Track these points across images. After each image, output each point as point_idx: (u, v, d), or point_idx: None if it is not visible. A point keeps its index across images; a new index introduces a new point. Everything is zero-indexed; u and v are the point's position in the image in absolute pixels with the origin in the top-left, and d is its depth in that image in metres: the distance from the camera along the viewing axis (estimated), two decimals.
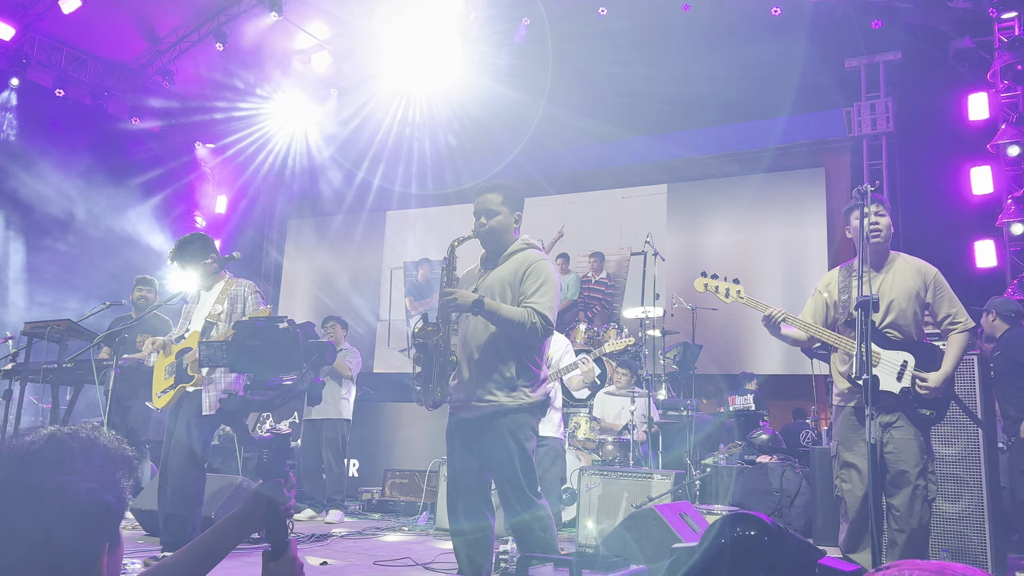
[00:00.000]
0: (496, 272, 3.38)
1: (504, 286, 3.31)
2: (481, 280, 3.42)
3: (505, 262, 3.39)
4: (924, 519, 3.55)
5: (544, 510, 3.23)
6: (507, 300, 3.28)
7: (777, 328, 3.79)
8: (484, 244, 3.45)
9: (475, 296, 3.18)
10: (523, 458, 3.20)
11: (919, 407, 3.59)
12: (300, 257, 13.75)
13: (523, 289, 3.27)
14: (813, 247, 9.98)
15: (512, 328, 3.18)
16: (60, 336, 5.80)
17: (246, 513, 1.64)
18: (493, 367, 3.24)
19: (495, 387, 3.23)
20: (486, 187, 3.44)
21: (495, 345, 3.25)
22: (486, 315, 3.18)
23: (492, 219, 3.38)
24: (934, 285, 3.76)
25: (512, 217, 3.42)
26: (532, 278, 3.27)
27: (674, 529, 3.93)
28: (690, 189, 11.02)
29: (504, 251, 3.41)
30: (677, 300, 8.72)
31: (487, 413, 3.23)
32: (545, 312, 3.20)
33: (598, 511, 5.68)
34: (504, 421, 3.21)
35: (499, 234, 3.40)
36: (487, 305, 3.17)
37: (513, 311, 3.19)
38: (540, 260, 3.35)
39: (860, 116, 9.71)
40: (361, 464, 9.02)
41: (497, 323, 3.20)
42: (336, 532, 6.09)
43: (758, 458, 6.91)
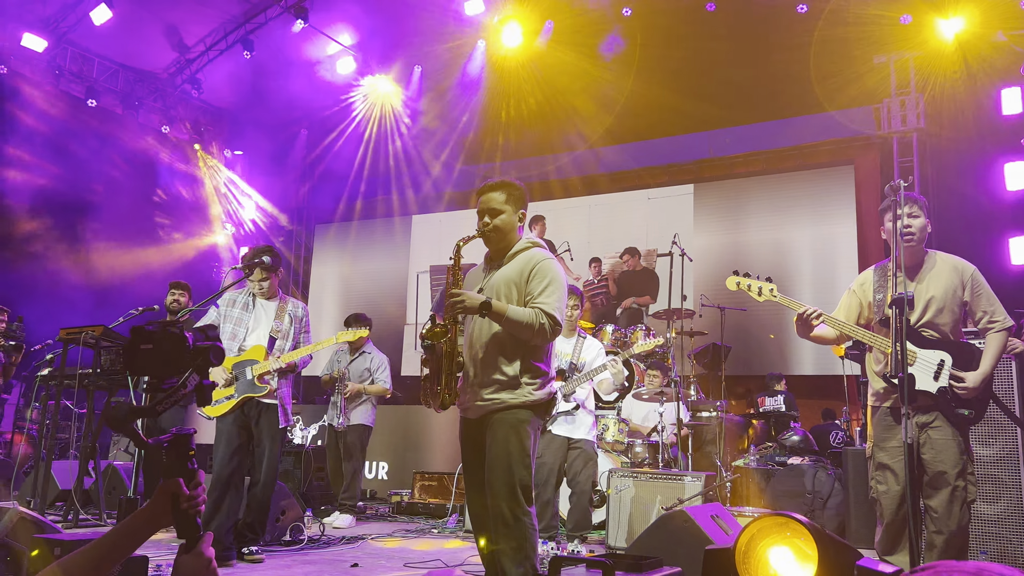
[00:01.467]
0: (501, 271, 3.33)
1: (510, 286, 3.27)
2: (486, 280, 3.38)
3: (510, 261, 3.34)
4: (963, 521, 3.49)
5: (531, 519, 3.11)
6: (513, 300, 3.24)
7: (809, 327, 3.74)
8: (488, 243, 3.40)
9: (482, 298, 3.15)
10: (520, 455, 3.12)
11: (957, 407, 3.53)
12: (328, 262, 13.85)
13: (529, 289, 3.23)
14: (843, 246, 9.85)
15: (520, 329, 3.14)
16: (95, 341, 5.90)
17: (152, 510, 1.72)
18: (497, 366, 3.20)
19: (499, 386, 3.19)
20: (489, 186, 3.39)
21: (500, 344, 3.21)
22: (493, 317, 3.14)
23: (496, 218, 3.34)
24: (972, 283, 3.70)
25: (516, 216, 3.38)
26: (538, 278, 3.23)
27: (706, 531, 3.90)
28: (717, 189, 10.94)
29: (509, 250, 3.37)
30: (706, 300, 8.66)
31: (489, 411, 3.20)
32: (553, 312, 3.16)
33: (629, 513, 5.66)
34: (505, 416, 3.16)
35: (503, 233, 3.35)
36: (495, 307, 3.13)
37: (521, 312, 3.15)
38: (546, 259, 3.30)
39: (890, 112, 9.58)
40: (390, 467, 9.06)
41: (505, 324, 3.15)
42: (366, 534, 6.12)
43: (789, 459, 6.83)
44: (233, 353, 4.91)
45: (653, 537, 4.14)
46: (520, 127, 11.71)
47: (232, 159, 13.58)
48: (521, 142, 11.78)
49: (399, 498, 7.78)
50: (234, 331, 4.95)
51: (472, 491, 3.32)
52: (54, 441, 7.18)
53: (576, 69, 10.87)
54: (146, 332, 1.88)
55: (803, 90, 9.92)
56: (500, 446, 3.13)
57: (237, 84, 12.20)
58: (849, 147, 10.23)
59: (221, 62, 11.80)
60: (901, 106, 9.51)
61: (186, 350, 1.87)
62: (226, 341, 4.92)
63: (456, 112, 11.80)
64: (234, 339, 4.94)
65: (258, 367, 4.84)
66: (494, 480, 3.11)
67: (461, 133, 11.96)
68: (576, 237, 11.28)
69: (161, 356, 1.86)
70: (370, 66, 11.95)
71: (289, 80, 12.29)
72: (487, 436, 3.20)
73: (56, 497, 6.55)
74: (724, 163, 11.02)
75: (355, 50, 11.80)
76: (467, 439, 3.34)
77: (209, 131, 13.02)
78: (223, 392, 4.83)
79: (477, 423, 3.26)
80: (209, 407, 4.83)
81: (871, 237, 9.64)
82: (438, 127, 12.13)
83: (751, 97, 10.24)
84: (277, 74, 11.95)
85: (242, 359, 4.89)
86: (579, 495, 5.51)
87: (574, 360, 5.61)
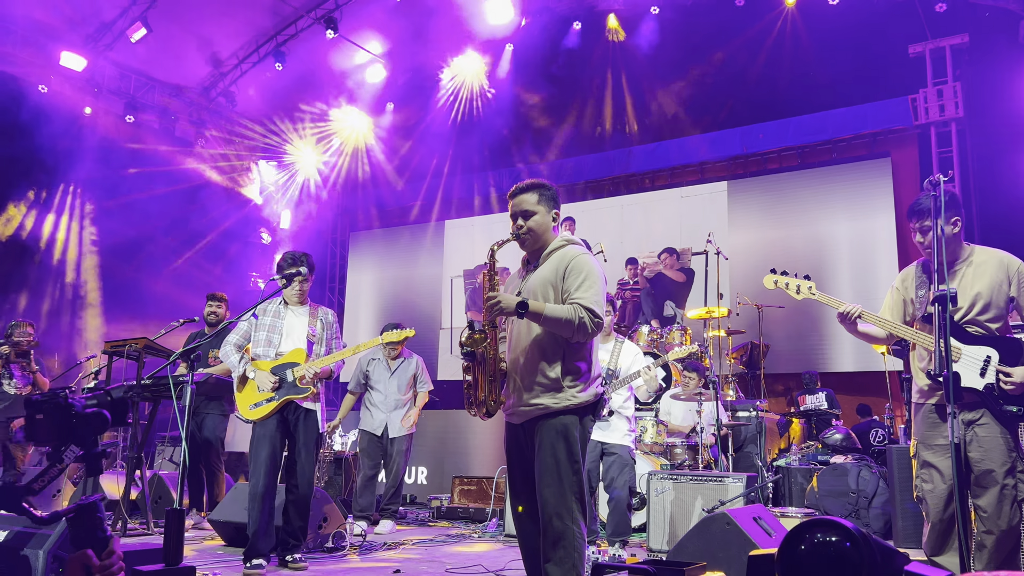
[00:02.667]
0: (538, 272, 3.31)
1: (546, 285, 3.23)
2: (523, 283, 3.35)
3: (546, 261, 3.31)
4: (1014, 520, 3.41)
5: (581, 528, 3.06)
6: (550, 299, 3.20)
7: (854, 325, 3.69)
8: (524, 246, 3.37)
9: (518, 299, 3.11)
10: (569, 462, 3.08)
11: (1005, 404, 3.46)
12: (363, 268, 13.97)
13: (566, 286, 3.19)
14: (881, 240, 9.69)
15: (560, 327, 3.09)
16: (138, 354, 6.01)
17: None
18: (538, 369, 3.16)
19: (541, 390, 3.15)
20: (520, 188, 3.37)
21: (540, 346, 3.17)
22: (531, 317, 3.10)
23: (530, 220, 3.31)
24: (1018, 277, 3.61)
25: (550, 216, 3.35)
26: (574, 274, 3.19)
27: (748, 534, 3.86)
28: (751, 186, 10.83)
29: (544, 251, 3.34)
30: (742, 299, 8.57)
31: (534, 417, 3.16)
32: (592, 306, 3.10)
33: (670, 516, 5.62)
34: (552, 422, 3.12)
35: (538, 234, 3.32)
36: (532, 307, 3.08)
37: (559, 309, 3.10)
38: (581, 255, 3.27)
39: (927, 103, 9.41)
40: (429, 472, 9.10)
41: (544, 323, 3.11)
42: (407, 539, 6.16)
43: (832, 458, 6.73)
44: (271, 358, 4.97)
45: (695, 540, 4.10)
46: (553, 128, 11.72)
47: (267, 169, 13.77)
48: (554, 143, 11.79)
49: (439, 503, 7.81)
50: (269, 337, 5.02)
51: (516, 497, 3.31)
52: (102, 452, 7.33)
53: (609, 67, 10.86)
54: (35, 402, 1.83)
55: (837, 82, 9.80)
56: (548, 453, 3.09)
57: (270, 95, 12.38)
58: (886, 139, 10.07)
59: (254, 74, 11.98)
60: (938, 96, 9.34)
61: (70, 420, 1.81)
62: (262, 348, 4.99)
63: (487, 116, 11.84)
64: (270, 345, 5.00)
65: (299, 369, 4.89)
66: (544, 488, 3.07)
67: (493, 137, 11.99)
68: (609, 238, 11.24)
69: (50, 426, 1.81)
70: (399, 72, 12.05)
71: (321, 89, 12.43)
72: (535, 442, 3.17)
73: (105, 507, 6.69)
74: (757, 159, 10.91)
75: (384, 58, 11.90)
76: (512, 444, 3.32)
77: (244, 142, 13.21)
78: (264, 395, 4.88)
79: (522, 428, 3.24)
80: (250, 411, 4.89)
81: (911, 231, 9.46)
82: (469, 132, 12.18)
83: (783, 90, 10.13)
84: (309, 84, 12.10)
85: (282, 362, 4.94)
86: (617, 501, 5.47)
87: (611, 367, 5.57)
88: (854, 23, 9.34)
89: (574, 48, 11.05)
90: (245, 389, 4.97)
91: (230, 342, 5.08)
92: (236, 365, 4.99)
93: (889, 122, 9.89)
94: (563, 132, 11.66)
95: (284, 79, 11.79)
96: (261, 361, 4.96)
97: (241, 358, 5.01)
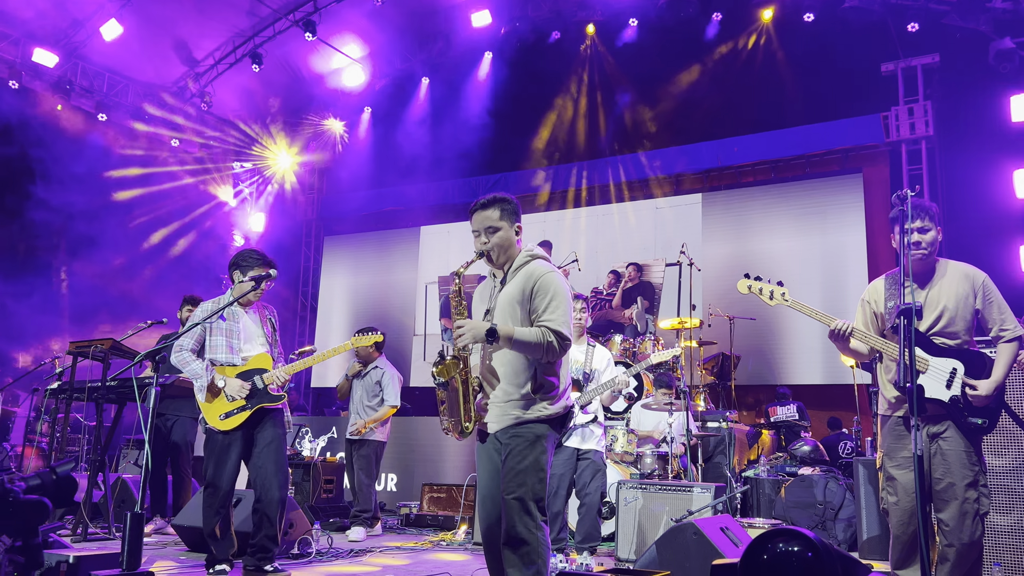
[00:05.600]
0: (505, 290, 3.33)
1: (514, 305, 3.26)
2: (492, 300, 3.38)
3: (513, 278, 3.34)
4: (976, 534, 3.44)
5: (544, 535, 3.11)
6: (518, 319, 3.23)
7: (846, 342, 3.67)
8: (489, 262, 3.40)
9: (487, 325, 3.15)
10: (535, 470, 3.12)
11: (970, 416, 3.50)
12: (337, 274, 13.87)
13: (534, 306, 3.22)
14: (852, 254, 9.81)
15: (529, 350, 3.15)
16: (104, 355, 5.91)
17: None
18: (511, 382, 3.20)
19: (514, 404, 3.19)
20: (482, 204, 3.39)
21: (511, 360, 3.22)
22: (502, 343, 3.15)
23: (494, 236, 3.34)
24: (983, 291, 3.66)
25: (512, 229, 3.38)
26: (541, 294, 3.22)
27: (715, 544, 3.87)
28: (725, 198, 10.92)
29: (511, 266, 3.37)
30: (714, 310, 8.62)
31: (506, 426, 3.19)
32: (559, 328, 3.15)
33: (638, 525, 5.62)
34: (521, 431, 3.16)
35: (502, 249, 3.35)
36: (500, 332, 3.12)
37: (527, 333, 3.14)
38: (547, 273, 3.28)
39: (898, 121, 9.57)
40: (399, 478, 9.04)
41: (513, 347, 3.16)
42: (374, 547, 6.10)
43: (800, 470, 6.78)
44: (236, 364, 4.76)
45: (662, 549, 4.11)
46: (529, 137, 11.75)
47: (241, 171, 13.66)
48: (529, 152, 11.81)
49: (408, 510, 7.75)
50: (228, 343, 4.77)
51: (484, 504, 3.31)
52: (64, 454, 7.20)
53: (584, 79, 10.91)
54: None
55: (811, 98, 9.93)
56: (515, 460, 3.13)
57: (246, 97, 12.29)
58: (858, 156, 10.21)
59: (230, 75, 11.88)
60: (909, 114, 9.49)
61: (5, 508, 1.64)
62: (222, 354, 4.75)
63: (463, 123, 11.83)
64: (231, 351, 4.77)
65: (269, 376, 4.73)
66: (508, 495, 3.10)
67: (469, 144, 11.99)
68: (584, 247, 11.28)
69: None
70: (378, 76, 12.02)
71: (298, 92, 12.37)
72: (503, 451, 3.20)
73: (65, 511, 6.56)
74: (732, 172, 11.01)
75: (363, 61, 11.87)
76: (482, 453, 3.33)
77: (218, 143, 13.09)
78: (235, 404, 4.68)
79: (492, 437, 3.26)
80: (220, 420, 4.67)
81: (880, 246, 9.60)
82: (446, 138, 12.17)
83: (759, 106, 10.24)
84: (286, 86, 12.02)
85: (248, 368, 4.75)
86: (588, 507, 5.46)
87: (587, 369, 5.54)
88: (828, 41, 9.47)
89: (552, 59, 11.09)
90: (215, 400, 4.70)
91: (185, 348, 4.75)
92: (200, 373, 4.70)
93: (861, 139, 10.03)
94: (540, 141, 11.68)
95: (260, 81, 11.71)
96: (225, 368, 4.73)
97: (205, 365, 4.74)
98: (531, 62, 11.04)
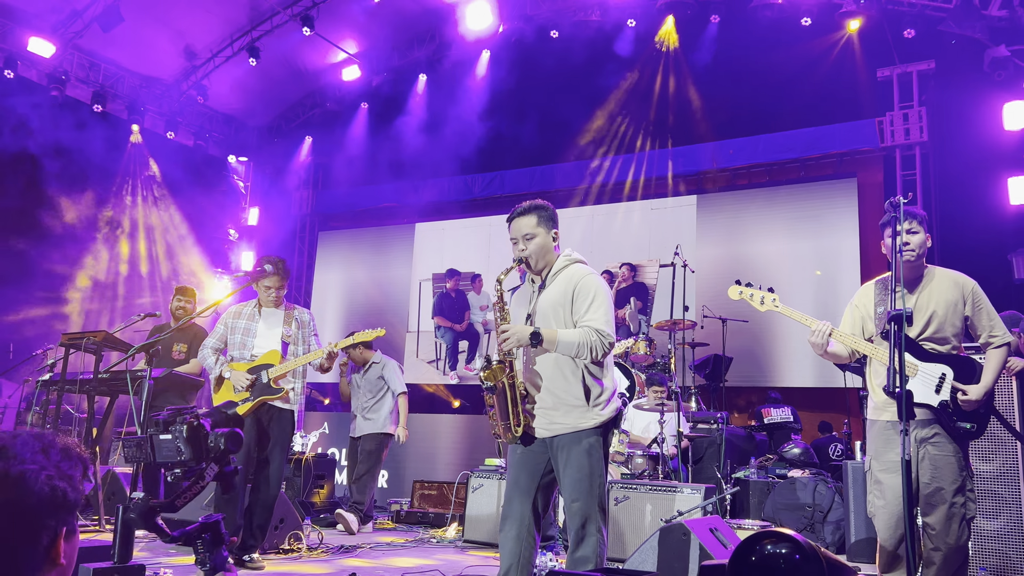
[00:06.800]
0: (546, 294, 3.39)
1: (556, 309, 3.33)
2: (532, 304, 3.43)
3: (553, 283, 3.40)
4: (962, 538, 3.47)
5: (603, 535, 3.24)
6: (560, 322, 3.30)
7: (824, 343, 3.70)
8: (528, 268, 3.46)
9: (531, 329, 3.22)
10: (596, 477, 3.22)
11: (959, 421, 3.53)
12: (331, 269, 13.85)
13: (576, 308, 3.30)
14: (845, 259, 9.85)
15: (574, 351, 3.21)
16: (96, 347, 5.90)
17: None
18: (560, 388, 3.26)
19: (566, 409, 3.25)
20: (519, 211, 3.45)
21: (559, 368, 3.28)
22: (546, 344, 3.21)
23: (531, 243, 3.39)
24: (972, 297, 3.70)
25: (550, 236, 3.44)
26: (583, 296, 3.30)
27: (704, 545, 3.89)
28: (720, 200, 10.94)
29: (549, 271, 3.43)
30: (707, 311, 8.65)
31: (559, 434, 3.25)
32: (602, 327, 3.22)
33: (628, 525, 5.64)
34: (580, 440, 3.23)
35: (540, 255, 3.41)
36: (545, 336, 3.20)
37: (571, 335, 3.21)
38: (587, 275, 3.37)
39: (893, 126, 9.60)
40: (390, 475, 9.05)
41: (558, 349, 3.22)
42: (365, 543, 6.11)
43: (790, 472, 6.81)
44: (246, 360, 5.07)
45: (651, 550, 4.13)
46: (524, 136, 11.74)
47: (236, 165, 13.62)
48: (524, 151, 11.81)
49: (398, 507, 7.77)
50: (243, 340, 5.12)
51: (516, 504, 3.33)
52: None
53: (579, 78, 10.92)
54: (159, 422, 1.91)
55: (806, 102, 9.95)
56: (576, 468, 3.21)
57: (242, 91, 12.26)
58: (852, 160, 10.24)
59: (227, 69, 11.85)
60: (904, 120, 9.53)
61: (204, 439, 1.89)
62: (236, 350, 5.10)
63: (460, 120, 11.83)
64: (244, 348, 5.11)
65: (274, 370, 4.98)
66: (572, 502, 3.21)
67: (465, 142, 11.98)
68: (578, 247, 11.26)
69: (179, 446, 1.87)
70: (375, 73, 12.00)
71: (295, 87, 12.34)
72: (558, 458, 3.26)
73: None
74: (727, 175, 11.04)
75: (360, 57, 11.86)
76: (525, 452, 3.35)
77: (214, 137, 13.06)
78: (239, 395, 4.95)
79: (540, 441, 3.30)
80: None
81: (873, 250, 9.63)
82: (442, 135, 12.17)
83: (754, 108, 10.26)
84: (283, 81, 11.99)
85: (257, 364, 5.03)
86: None
87: None
88: (825, 45, 9.51)
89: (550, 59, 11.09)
90: (221, 390, 5.06)
91: (208, 346, 5.21)
92: (213, 367, 5.14)
93: (856, 143, 10.06)
94: (535, 140, 11.68)
95: (257, 74, 11.68)
96: (237, 363, 5.05)
97: (218, 360, 5.15)
98: (529, 61, 11.04)
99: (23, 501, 1.28)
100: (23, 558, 1.29)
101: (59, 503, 1.33)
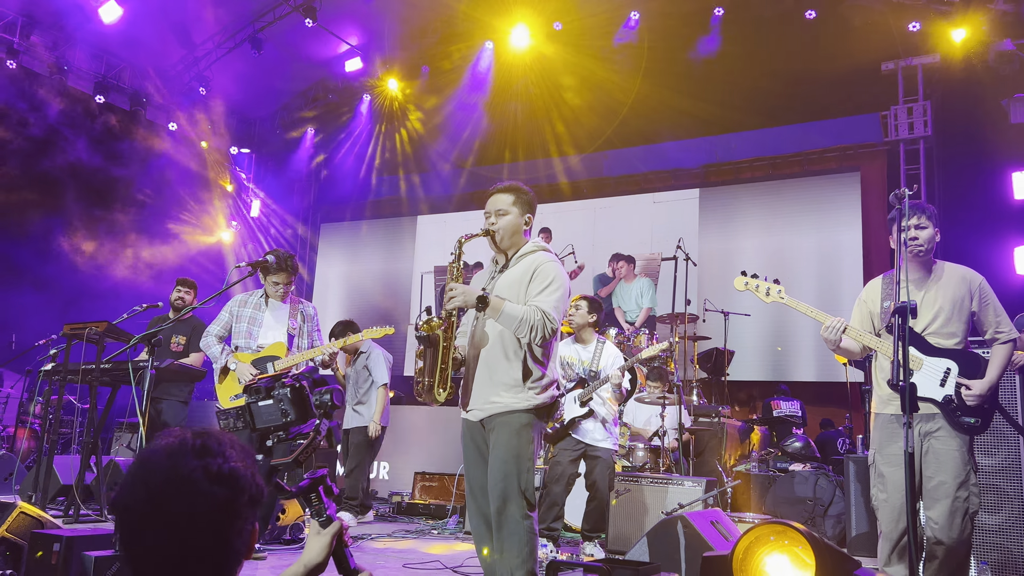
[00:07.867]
0: (507, 274, 3.39)
1: (513, 286, 3.32)
2: (492, 282, 3.42)
3: (516, 264, 3.39)
4: (965, 532, 3.46)
5: (533, 523, 3.15)
6: (514, 299, 3.27)
7: (838, 339, 3.67)
8: (493, 243, 3.43)
9: (479, 292, 3.19)
10: (523, 460, 3.15)
11: (963, 415, 3.52)
12: (333, 262, 13.85)
13: (531, 289, 3.27)
14: (848, 253, 9.83)
15: (516, 325, 3.16)
16: (99, 337, 5.90)
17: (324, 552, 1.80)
18: (499, 368, 3.23)
19: (501, 389, 3.22)
20: (499, 188, 3.46)
21: (502, 346, 3.25)
22: (490, 311, 3.17)
23: (502, 219, 3.39)
24: (979, 293, 3.68)
25: (522, 219, 3.42)
26: (540, 278, 3.27)
27: (705, 537, 3.89)
28: (722, 194, 10.92)
29: (515, 253, 3.42)
30: (710, 305, 8.64)
31: (492, 414, 3.22)
32: (549, 310, 3.18)
33: (628, 517, 5.64)
34: (508, 419, 3.18)
35: (508, 233, 3.39)
36: (492, 302, 3.16)
37: (517, 308, 3.18)
38: (549, 261, 3.35)
39: (897, 120, 9.56)
40: (391, 467, 9.05)
41: (501, 320, 3.18)
42: (365, 534, 6.12)
43: (791, 466, 6.81)
44: (252, 350, 5.07)
45: (652, 542, 4.13)
46: (527, 129, 11.71)
47: (239, 156, 13.60)
48: (528, 144, 11.78)
49: (399, 498, 7.77)
50: (249, 329, 5.12)
51: (472, 493, 3.33)
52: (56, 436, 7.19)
53: (583, 72, 10.88)
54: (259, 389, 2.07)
55: (810, 96, 9.91)
56: (503, 450, 3.16)
57: (245, 82, 12.22)
58: (855, 154, 10.21)
59: (229, 60, 11.82)
60: (908, 114, 9.49)
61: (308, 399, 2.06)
62: (242, 339, 5.10)
63: (463, 113, 11.80)
64: (251, 337, 5.11)
65: (280, 363, 4.98)
66: (496, 484, 3.13)
67: (468, 135, 11.96)
68: (580, 240, 11.28)
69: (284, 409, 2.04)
70: (378, 65, 11.97)
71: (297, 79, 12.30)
72: (490, 439, 3.22)
73: (57, 492, 6.56)
74: (730, 168, 11.00)
75: (363, 49, 11.82)
76: (469, 441, 3.36)
77: (216, 128, 13.04)
78: (240, 388, 4.94)
79: (479, 425, 3.28)
80: (230, 401, 4.97)
81: (876, 245, 9.61)
82: (445, 128, 12.14)
83: (758, 102, 10.22)
84: (285, 73, 11.96)
85: (262, 355, 5.02)
86: (599, 500, 5.54)
87: (593, 368, 5.64)
88: (830, 38, 9.45)
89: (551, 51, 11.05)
90: (226, 380, 5.05)
91: (212, 333, 5.17)
92: (218, 356, 5.10)
93: (860, 137, 10.03)
94: (539, 133, 11.65)
95: (259, 66, 11.65)
96: (242, 353, 5.04)
97: (223, 350, 5.12)
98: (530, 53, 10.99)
99: (237, 498, 1.35)
100: (233, 550, 1.35)
101: (257, 498, 1.40)
